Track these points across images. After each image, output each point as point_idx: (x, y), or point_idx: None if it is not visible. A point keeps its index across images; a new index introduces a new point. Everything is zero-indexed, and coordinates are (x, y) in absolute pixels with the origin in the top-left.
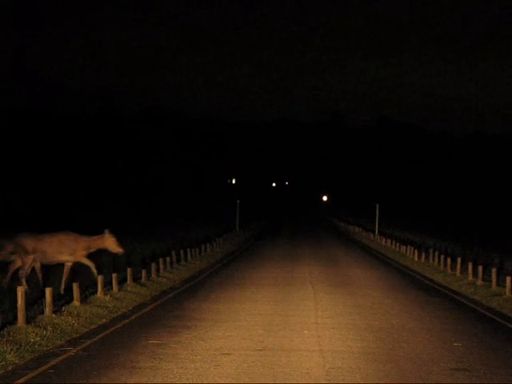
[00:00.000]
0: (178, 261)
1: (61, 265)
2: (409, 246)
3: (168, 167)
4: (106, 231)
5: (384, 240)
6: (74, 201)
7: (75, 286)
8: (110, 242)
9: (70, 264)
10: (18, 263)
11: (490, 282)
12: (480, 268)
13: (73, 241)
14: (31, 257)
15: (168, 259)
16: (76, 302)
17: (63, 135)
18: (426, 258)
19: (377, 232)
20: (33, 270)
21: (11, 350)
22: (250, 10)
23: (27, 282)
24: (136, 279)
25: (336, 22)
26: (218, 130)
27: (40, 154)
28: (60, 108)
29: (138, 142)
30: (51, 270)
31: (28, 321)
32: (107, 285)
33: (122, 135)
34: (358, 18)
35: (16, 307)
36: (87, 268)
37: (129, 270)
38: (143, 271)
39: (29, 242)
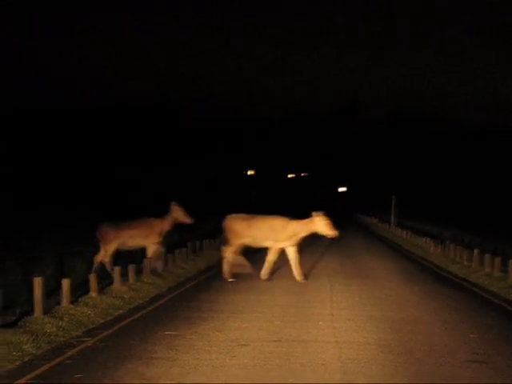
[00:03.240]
0: (194, 252)
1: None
2: (426, 238)
3: (185, 161)
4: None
5: (401, 231)
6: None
7: (92, 277)
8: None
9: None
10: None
11: (508, 273)
12: (497, 260)
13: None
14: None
15: (184, 250)
16: (93, 293)
17: (71, 132)
18: (443, 249)
19: (393, 223)
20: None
21: (28, 340)
22: (266, 3)
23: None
24: (152, 270)
25: (352, 16)
26: (235, 123)
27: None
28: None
29: (155, 136)
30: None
31: (45, 311)
32: (124, 275)
33: (137, 130)
34: (374, 12)
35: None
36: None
37: (146, 261)
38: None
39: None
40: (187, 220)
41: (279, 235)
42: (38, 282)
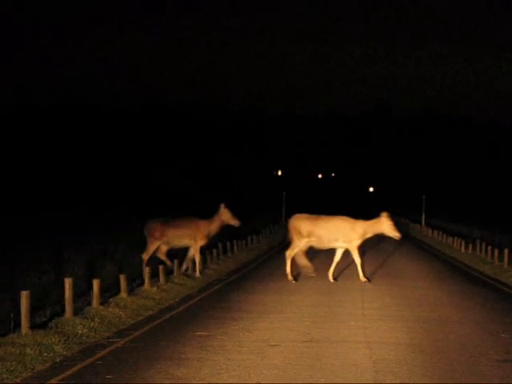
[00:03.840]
0: (225, 252)
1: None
2: (456, 237)
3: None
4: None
5: (431, 231)
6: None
7: (122, 278)
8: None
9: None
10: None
11: None
12: None
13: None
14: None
15: (214, 251)
16: (123, 294)
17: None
18: (473, 249)
19: (423, 223)
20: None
21: (59, 341)
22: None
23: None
24: (183, 271)
25: (381, 12)
26: (264, 122)
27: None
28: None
29: (188, 134)
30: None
31: (75, 312)
32: (154, 276)
33: (165, 128)
34: (404, 8)
35: (64, 299)
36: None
37: (176, 262)
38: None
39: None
40: (235, 222)
41: (347, 236)
42: (68, 282)
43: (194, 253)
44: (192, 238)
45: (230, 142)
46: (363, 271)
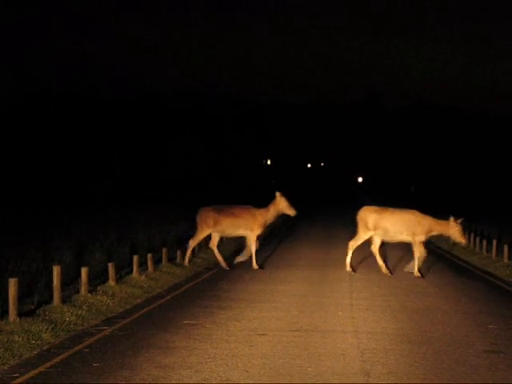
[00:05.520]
0: None
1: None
2: None
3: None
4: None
5: None
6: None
7: (110, 266)
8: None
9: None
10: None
11: None
12: None
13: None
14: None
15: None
16: (111, 282)
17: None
18: None
19: None
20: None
21: (47, 329)
22: None
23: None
24: (171, 260)
25: (377, 3)
26: (253, 111)
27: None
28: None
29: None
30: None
31: (63, 300)
32: (142, 265)
33: (161, 118)
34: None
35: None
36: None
37: (164, 251)
38: (178, 252)
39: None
40: (291, 212)
41: (411, 229)
42: (56, 270)
43: (251, 243)
44: (248, 227)
45: (219, 131)
46: (419, 266)
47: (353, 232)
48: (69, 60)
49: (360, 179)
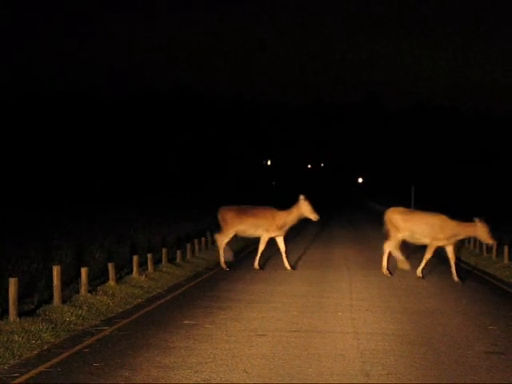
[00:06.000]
0: (214, 242)
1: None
2: None
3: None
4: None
5: None
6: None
7: (110, 266)
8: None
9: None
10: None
11: None
12: None
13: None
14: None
15: (203, 240)
16: (111, 282)
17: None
18: (462, 240)
19: None
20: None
21: (47, 328)
22: None
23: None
24: (171, 260)
25: (380, 3)
26: (253, 112)
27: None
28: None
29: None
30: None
31: (63, 300)
32: (142, 265)
33: (159, 117)
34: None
35: (52, 286)
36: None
37: (164, 251)
38: (178, 252)
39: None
40: (314, 216)
41: (436, 235)
42: (56, 270)
43: (261, 243)
44: (266, 228)
45: (219, 131)
46: (423, 268)
47: (353, 232)
48: (69, 60)
49: (360, 180)
